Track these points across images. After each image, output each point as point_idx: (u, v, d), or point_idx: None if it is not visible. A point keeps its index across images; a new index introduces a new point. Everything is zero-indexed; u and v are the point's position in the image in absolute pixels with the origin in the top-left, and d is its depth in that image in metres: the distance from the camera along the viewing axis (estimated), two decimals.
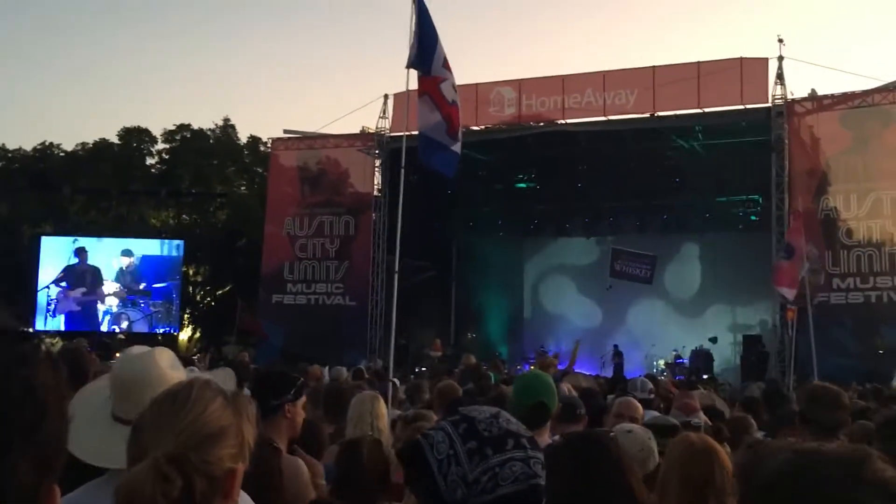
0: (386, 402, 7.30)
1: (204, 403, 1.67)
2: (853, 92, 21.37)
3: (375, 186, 25.51)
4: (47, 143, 38.37)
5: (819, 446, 1.21)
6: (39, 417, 0.99)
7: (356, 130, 26.52)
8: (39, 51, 64.15)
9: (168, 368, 2.46)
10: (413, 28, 8.15)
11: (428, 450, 1.62)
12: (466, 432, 1.62)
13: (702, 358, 25.42)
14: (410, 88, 9.14)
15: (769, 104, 21.64)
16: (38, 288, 26.56)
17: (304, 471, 3.69)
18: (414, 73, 8.19)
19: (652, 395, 7.12)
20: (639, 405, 5.67)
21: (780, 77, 21.79)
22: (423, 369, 20.22)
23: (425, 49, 8.05)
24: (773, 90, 21.76)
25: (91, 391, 2.57)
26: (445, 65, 8.25)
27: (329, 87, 67.86)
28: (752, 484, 1.19)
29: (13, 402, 0.96)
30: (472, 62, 65.00)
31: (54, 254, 27.40)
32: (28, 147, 38.48)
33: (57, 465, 1.10)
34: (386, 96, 25.33)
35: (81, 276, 27.10)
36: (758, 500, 1.17)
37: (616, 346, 26.92)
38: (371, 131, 26.00)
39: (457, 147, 8.36)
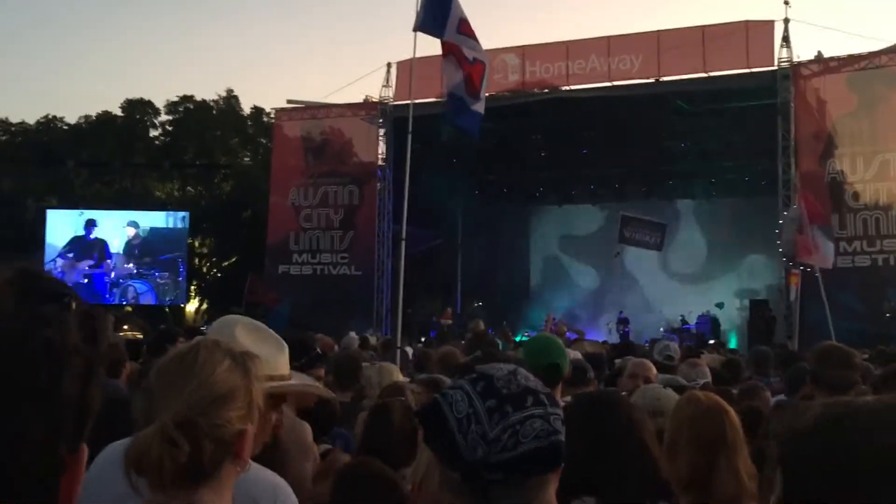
0: None
1: (212, 365, 1.66)
2: (860, 54, 21.19)
3: (379, 155, 25.44)
4: (51, 117, 38.33)
5: (852, 398, 1.20)
6: (57, 379, 0.97)
7: (359, 99, 26.40)
8: (41, 25, 63.89)
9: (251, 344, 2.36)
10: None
11: (447, 408, 1.60)
12: (485, 390, 1.61)
13: (708, 323, 25.46)
14: (419, 54, 9.07)
15: (775, 67, 21.47)
16: (45, 261, 26.62)
17: (307, 430, 3.73)
18: (422, 37, 8.11)
19: (673, 361, 7.07)
20: (652, 365, 5.67)
21: (785, 40, 21.61)
22: (433, 337, 20.31)
23: (438, 12, 7.97)
24: (779, 53, 21.61)
25: None
26: (463, 28, 8.17)
27: (332, 57, 67.63)
28: (789, 439, 1.17)
29: (29, 364, 0.94)
30: (474, 29, 64.41)
31: (60, 227, 27.46)
32: (31, 121, 38.48)
33: (81, 428, 1.09)
34: (389, 64, 25.21)
35: (88, 248, 27.17)
36: (797, 454, 1.15)
37: (622, 312, 26.96)
38: (374, 100, 25.90)
39: (478, 106, 8.33)
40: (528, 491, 1.60)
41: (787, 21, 21.59)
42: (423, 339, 20.09)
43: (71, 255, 26.97)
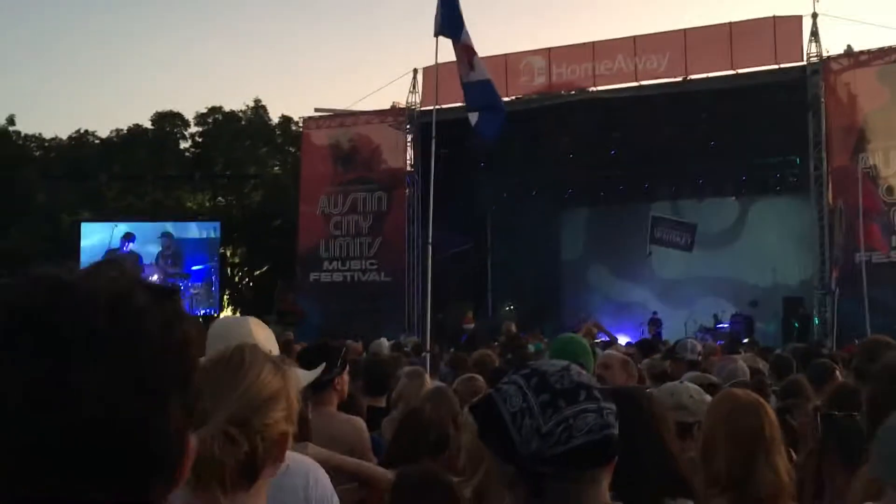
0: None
1: (258, 368, 1.70)
2: (890, 47, 20.92)
3: (408, 161, 25.50)
4: (82, 131, 38.85)
5: None
6: (191, 369, 1.04)
7: (387, 106, 26.49)
8: (71, 41, 64.73)
9: (264, 340, 2.56)
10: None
11: (501, 403, 1.63)
12: (538, 385, 1.63)
13: (742, 322, 25.23)
14: (440, 60, 9.10)
15: (804, 62, 21.28)
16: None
17: (360, 424, 3.85)
18: (443, 42, 8.17)
19: (699, 357, 7.12)
20: (616, 354, 5.67)
21: (814, 34, 21.42)
22: (462, 341, 20.28)
23: (455, 17, 8.05)
24: (808, 48, 21.40)
25: None
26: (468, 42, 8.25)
27: (358, 64, 67.87)
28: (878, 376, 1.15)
29: (174, 355, 1.00)
30: (500, 32, 64.63)
31: (94, 239, 27.77)
32: (64, 136, 39.02)
33: (193, 419, 1.15)
34: (415, 70, 25.29)
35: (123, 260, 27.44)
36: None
37: (655, 312, 26.80)
38: (401, 106, 25.98)
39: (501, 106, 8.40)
40: (580, 484, 1.62)
41: (815, 16, 21.42)
42: (454, 343, 20.04)
43: None
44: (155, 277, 27.56)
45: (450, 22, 8.08)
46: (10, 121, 37.14)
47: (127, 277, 1.02)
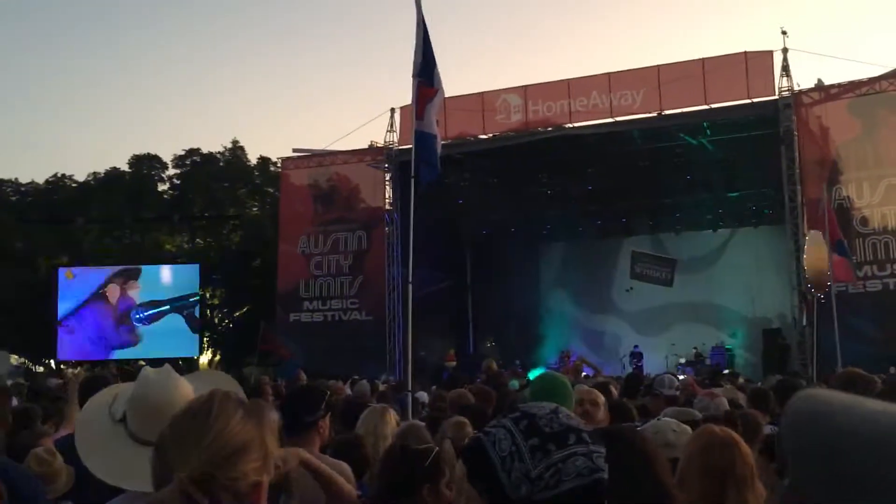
0: (405, 413, 7.35)
1: (226, 418, 1.63)
2: (860, 80, 21.29)
3: (386, 200, 25.55)
4: (59, 175, 38.74)
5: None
6: None
7: (365, 145, 26.59)
8: (48, 85, 64.69)
9: (190, 392, 2.37)
10: (418, 38, 8.25)
11: (490, 447, 1.62)
12: (528, 429, 1.62)
13: (723, 354, 25.34)
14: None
15: (776, 96, 21.57)
16: (59, 318, 26.72)
17: (346, 468, 3.83)
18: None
19: (678, 392, 7.12)
20: (595, 391, 5.67)
21: (785, 69, 21.75)
22: (444, 378, 20.21)
23: (429, 60, 8.17)
24: (780, 82, 21.73)
25: (98, 403, 2.51)
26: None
27: (335, 104, 68.15)
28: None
29: None
30: (476, 71, 65.13)
31: (71, 284, 27.57)
32: (40, 180, 38.87)
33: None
34: (392, 110, 25.46)
35: (100, 304, 27.24)
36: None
37: (637, 346, 26.85)
38: (379, 145, 26.07)
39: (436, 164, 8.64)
40: None
41: (785, 51, 21.76)
42: (434, 384, 19.97)
43: (83, 311, 27.06)
44: (134, 319, 27.37)
45: (424, 63, 8.20)
46: None
47: None
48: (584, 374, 16.07)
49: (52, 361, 29.52)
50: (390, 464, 3.69)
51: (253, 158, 39.24)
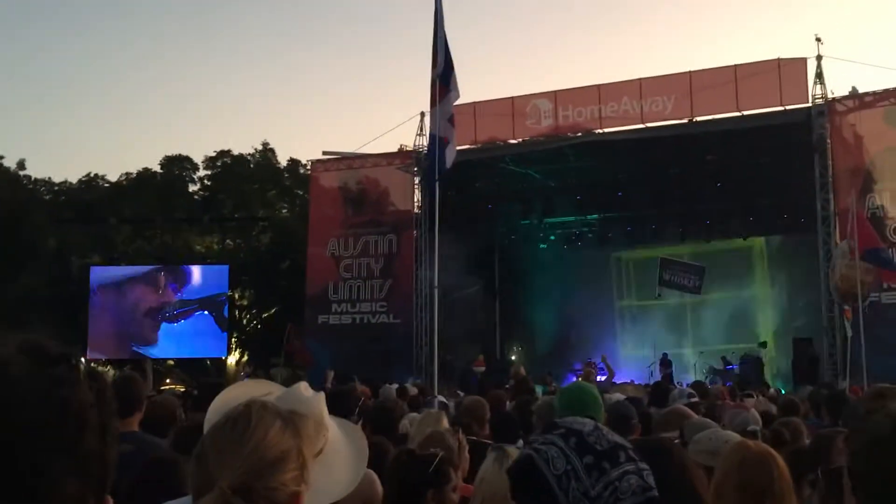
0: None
1: (264, 428, 1.64)
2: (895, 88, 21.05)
3: (416, 203, 25.59)
4: (92, 175, 39.13)
5: None
6: (79, 434, 1.03)
7: (394, 149, 26.64)
8: (80, 85, 65.40)
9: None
10: (439, 40, 8.35)
11: (544, 465, 1.61)
12: (578, 446, 1.62)
13: (751, 363, 25.05)
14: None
15: (809, 104, 21.38)
16: (90, 317, 26.93)
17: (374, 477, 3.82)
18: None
19: (693, 400, 7.04)
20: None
21: (819, 76, 21.55)
22: (473, 383, 20.20)
23: (448, 62, 8.32)
24: (813, 90, 21.53)
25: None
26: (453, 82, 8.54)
27: (366, 107, 68.33)
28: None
29: (53, 420, 1.01)
30: (506, 75, 65.07)
31: (103, 283, 27.79)
32: (73, 179, 39.29)
33: (105, 481, 1.14)
34: (422, 114, 25.38)
35: (134, 303, 27.44)
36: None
37: (666, 354, 26.66)
38: (409, 149, 26.12)
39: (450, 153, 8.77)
40: None
41: (819, 58, 21.55)
42: (461, 389, 19.95)
43: (116, 310, 27.26)
44: (164, 319, 27.52)
45: (445, 66, 8.34)
46: (21, 165, 37.48)
47: (9, 346, 1.03)
48: (598, 377, 15.99)
49: (82, 360, 29.79)
50: (397, 470, 3.71)
51: (283, 160, 39.50)
